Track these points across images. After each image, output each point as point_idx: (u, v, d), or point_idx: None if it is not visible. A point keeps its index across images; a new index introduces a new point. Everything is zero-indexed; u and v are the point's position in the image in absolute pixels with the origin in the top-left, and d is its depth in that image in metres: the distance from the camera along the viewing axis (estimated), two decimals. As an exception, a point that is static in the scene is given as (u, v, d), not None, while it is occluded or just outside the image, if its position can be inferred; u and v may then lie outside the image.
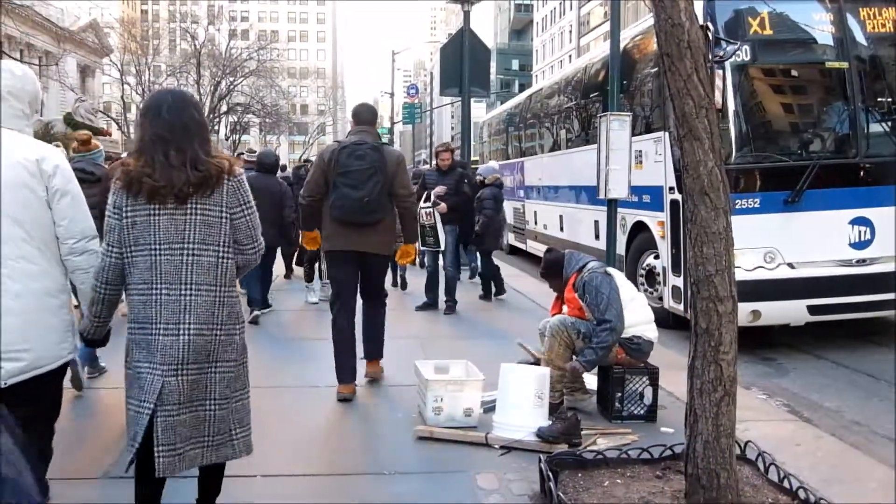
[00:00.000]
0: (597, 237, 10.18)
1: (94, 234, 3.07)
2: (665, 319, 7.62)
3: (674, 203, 7.54)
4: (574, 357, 4.88)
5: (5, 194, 2.82)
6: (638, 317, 4.98)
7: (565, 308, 5.20)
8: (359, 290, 5.50)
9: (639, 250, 8.68)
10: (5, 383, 2.80)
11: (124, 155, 9.06)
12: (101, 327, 3.02)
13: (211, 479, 3.20)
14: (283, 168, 14.07)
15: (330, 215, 5.23)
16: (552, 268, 5.26)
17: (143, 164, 2.82)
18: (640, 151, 8.45)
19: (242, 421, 3.03)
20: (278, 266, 9.99)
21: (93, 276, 2.93)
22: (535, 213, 14.11)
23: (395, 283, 10.60)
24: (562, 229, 12.20)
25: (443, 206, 8.47)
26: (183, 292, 2.81)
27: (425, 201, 8.43)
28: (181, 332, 2.80)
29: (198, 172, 2.82)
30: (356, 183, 5.11)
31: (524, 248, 15.17)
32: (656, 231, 8.12)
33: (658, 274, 8.13)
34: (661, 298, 8.03)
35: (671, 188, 7.66)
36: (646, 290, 8.30)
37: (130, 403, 2.85)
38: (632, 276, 8.32)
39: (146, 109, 2.97)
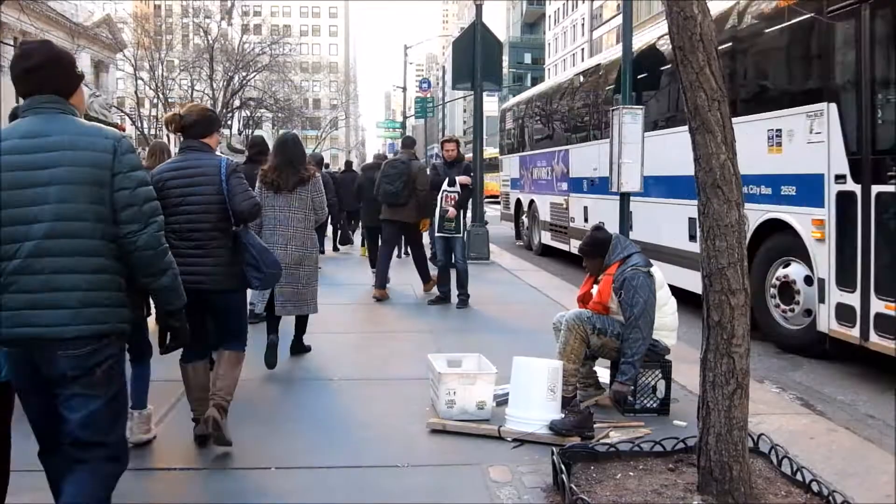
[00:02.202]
0: (692, 238, 8.12)
1: None
2: (816, 343, 6.49)
3: (844, 196, 6.00)
4: (612, 380, 4.90)
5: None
6: (665, 322, 4.97)
7: (595, 288, 5.12)
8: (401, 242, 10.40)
9: (769, 256, 7.02)
10: None
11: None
12: None
13: (301, 324, 6.35)
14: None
15: (379, 199, 9.16)
16: (598, 247, 5.08)
17: (274, 173, 5.93)
18: (779, 131, 6.88)
19: (314, 295, 6.20)
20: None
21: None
22: (586, 208, 12.12)
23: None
24: (632, 228, 9.93)
25: (452, 211, 8.52)
26: (288, 230, 5.90)
27: (449, 185, 8.60)
28: (288, 249, 5.86)
29: (297, 176, 5.91)
30: (391, 181, 8.84)
31: (566, 249, 13.18)
32: (807, 232, 6.42)
33: (796, 288, 6.65)
34: (809, 316, 6.58)
35: (840, 176, 6.06)
36: (779, 308, 6.86)
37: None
38: (757, 288, 6.80)
39: (276, 143, 6.26)
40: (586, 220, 11.93)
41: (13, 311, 2.50)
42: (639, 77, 9.54)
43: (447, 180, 8.59)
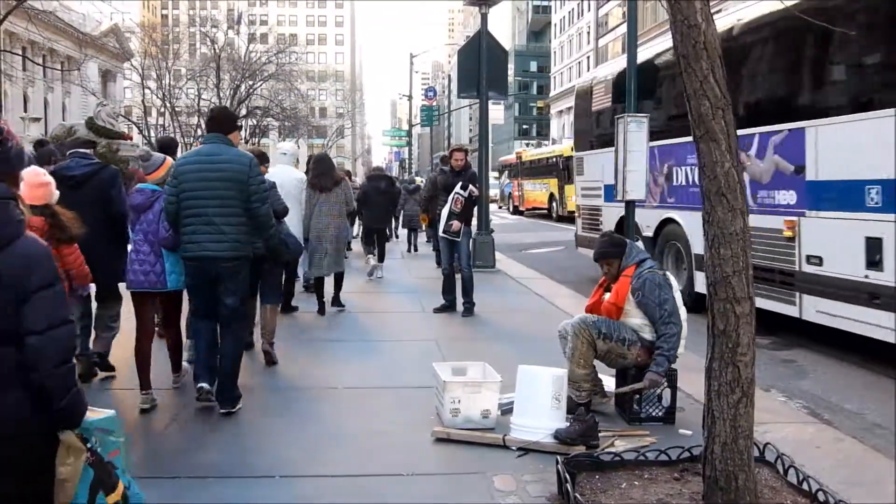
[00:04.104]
0: (871, 265, 6.11)
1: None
2: None
3: None
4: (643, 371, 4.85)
5: (293, 192, 7.62)
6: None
7: (606, 296, 5.10)
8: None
9: None
10: None
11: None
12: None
13: (338, 280, 9.00)
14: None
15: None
16: (617, 248, 5.11)
17: (317, 179, 8.60)
18: None
19: (343, 259, 9.13)
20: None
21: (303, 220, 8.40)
22: (876, 241, 6.17)
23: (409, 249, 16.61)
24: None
25: (456, 223, 8.53)
26: (328, 218, 8.59)
27: (462, 188, 8.63)
28: (329, 228, 8.60)
29: (332, 180, 8.71)
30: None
31: (784, 312, 7.38)
32: None
33: None
34: None
35: None
36: None
37: (313, 256, 8.71)
38: None
39: (315, 160, 9.22)
40: (877, 264, 6.12)
41: (199, 243, 4.84)
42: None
43: (460, 184, 8.60)
